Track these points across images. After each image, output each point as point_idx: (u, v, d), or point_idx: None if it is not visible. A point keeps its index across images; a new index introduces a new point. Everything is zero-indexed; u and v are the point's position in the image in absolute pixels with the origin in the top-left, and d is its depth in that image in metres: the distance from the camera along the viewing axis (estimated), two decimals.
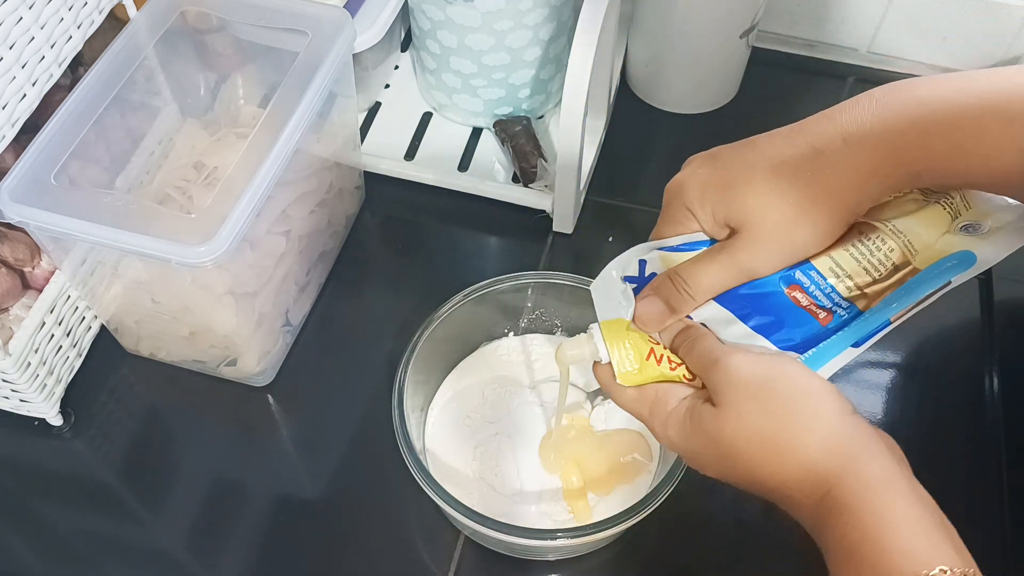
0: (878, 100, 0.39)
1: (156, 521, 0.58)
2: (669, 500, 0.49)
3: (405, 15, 0.77)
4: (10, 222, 0.50)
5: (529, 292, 0.60)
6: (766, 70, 0.80)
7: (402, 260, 0.71)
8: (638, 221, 0.72)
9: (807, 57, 0.83)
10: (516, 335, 0.62)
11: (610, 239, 0.71)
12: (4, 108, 0.52)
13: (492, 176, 0.73)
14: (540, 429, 0.58)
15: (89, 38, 0.57)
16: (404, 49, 0.82)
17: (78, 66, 0.62)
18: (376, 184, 0.73)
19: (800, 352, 0.41)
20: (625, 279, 0.45)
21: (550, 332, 0.63)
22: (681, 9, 0.71)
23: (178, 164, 0.63)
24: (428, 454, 0.57)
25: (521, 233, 0.71)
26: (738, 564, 0.56)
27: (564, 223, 0.70)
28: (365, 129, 0.76)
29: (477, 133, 0.76)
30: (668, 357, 0.43)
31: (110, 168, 0.60)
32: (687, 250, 0.43)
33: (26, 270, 0.59)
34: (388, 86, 0.80)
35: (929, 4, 0.76)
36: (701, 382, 0.42)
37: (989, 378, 0.62)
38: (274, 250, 0.59)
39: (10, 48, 0.51)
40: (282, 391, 0.63)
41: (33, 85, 0.53)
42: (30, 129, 0.53)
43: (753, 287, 0.42)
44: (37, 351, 0.57)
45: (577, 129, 0.61)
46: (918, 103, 0.38)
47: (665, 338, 0.43)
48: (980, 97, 0.37)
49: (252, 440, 0.62)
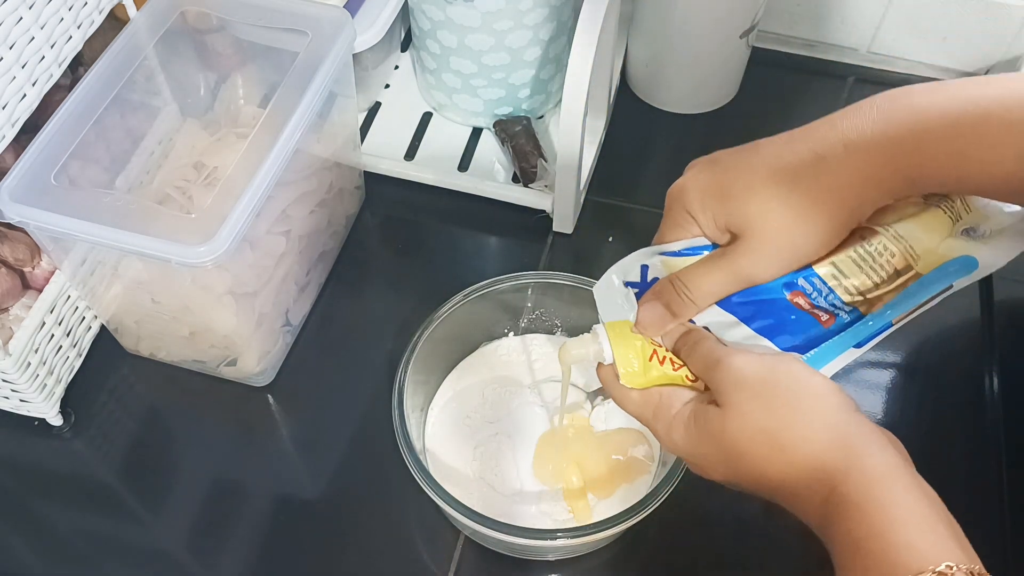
0: (879, 107, 0.39)
1: (156, 521, 0.58)
2: (669, 500, 0.49)
3: (405, 15, 0.77)
4: (10, 222, 0.50)
5: (529, 292, 0.60)
6: (766, 70, 0.80)
7: (402, 260, 0.71)
8: (638, 221, 0.72)
9: (807, 57, 0.83)
10: (516, 335, 0.62)
11: (610, 239, 0.71)
12: (4, 108, 0.52)
13: (492, 176, 0.73)
14: (540, 429, 0.58)
15: (89, 38, 0.57)
16: (404, 49, 0.82)
17: (78, 66, 0.62)
18: (376, 184, 0.73)
19: (802, 353, 0.41)
20: (627, 284, 0.45)
21: (550, 332, 0.63)
22: (681, 9, 0.71)
23: (178, 164, 0.63)
24: (428, 454, 0.57)
25: (521, 233, 0.71)
26: (738, 564, 0.56)
27: (564, 223, 0.70)
28: (365, 129, 0.76)
29: (477, 133, 0.76)
30: (670, 359, 0.43)
31: (110, 168, 0.60)
32: (689, 255, 0.44)
33: (26, 270, 0.59)
34: (388, 86, 0.80)
35: (929, 4, 0.76)
36: (704, 384, 0.42)
37: (989, 378, 0.62)
38: (274, 250, 0.59)
39: (10, 48, 0.51)
40: (282, 391, 0.63)
41: (33, 85, 0.53)
42: (30, 129, 0.53)
43: (756, 293, 0.42)
44: (37, 351, 0.57)
45: (577, 129, 0.61)
46: (918, 110, 0.38)
47: (667, 341, 0.43)
48: (979, 104, 0.37)
49: (252, 440, 0.62)
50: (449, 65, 0.72)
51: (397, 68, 0.81)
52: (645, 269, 0.45)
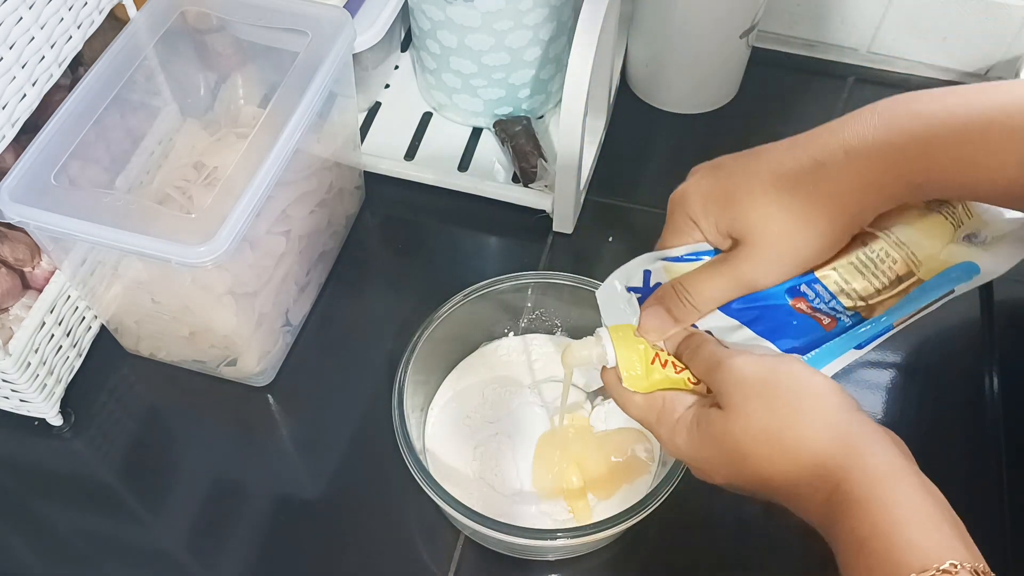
0: (880, 113, 0.39)
1: (156, 521, 0.58)
2: (669, 500, 0.49)
3: (405, 15, 0.77)
4: (10, 222, 0.50)
5: (529, 292, 0.60)
6: (766, 70, 0.80)
7: (402, 260, 0.71)
8: (638, 221, 0.72)
9: (807, 57, 0.83)
10: (516, 335, 0.62)
11: (610, 239, 0.71)
12: (4, 108, 0.52)
13: (492, 176, 0.73)
14: (540, 429, 0.58)
15: (89, 38, 0.57)
16: (404, 49, 0.82)
17: (78, 66, 0.62)
18: (376, 184, 0.73)
19: (803, 354, 0.41)
20: (630, 289, 0.45)
21: (550, 332, 0.63)
22: (681, 9, 0.71)
23: (178, 164, 0.63)
24: (428, 454, 0.57)
25: (521, 233, 0.71)
26: (738, 564, 0.56)
27: (564, 223, 0.70)
28: (365, 129, 0.76)
29: (477, 133, 0.76)
30: (672, 362, 0.43)
31: (110, 168, 0.60)
32: (692, 260, 0.44)
33: (26, 270, 0.59)
34: (388, 86, 0.80)
35: (929, 4, 0.76)
36: (706, 387, 0.42)
37: (989, 378, 0.62)
38: (274, 250, 0.59)
39: (10, 48, 0.51)
40: (282, 391, 0.63)
41: (33, 85, 0.53)
42: (30, 129, 0.53)
43: (758, 298, 0.42)
44: (37, 351, 0.57)
45: (577, 129, 0.61)
46: (920, 116, 0.38)
47: (670, 346, 0.44)
48: (981, 110, 0.37)
49: (252, 440, 0.62)
50: (449, 65, 0.72)
51: (397, 68, 0.81)
52: (648, 274, 0.45)
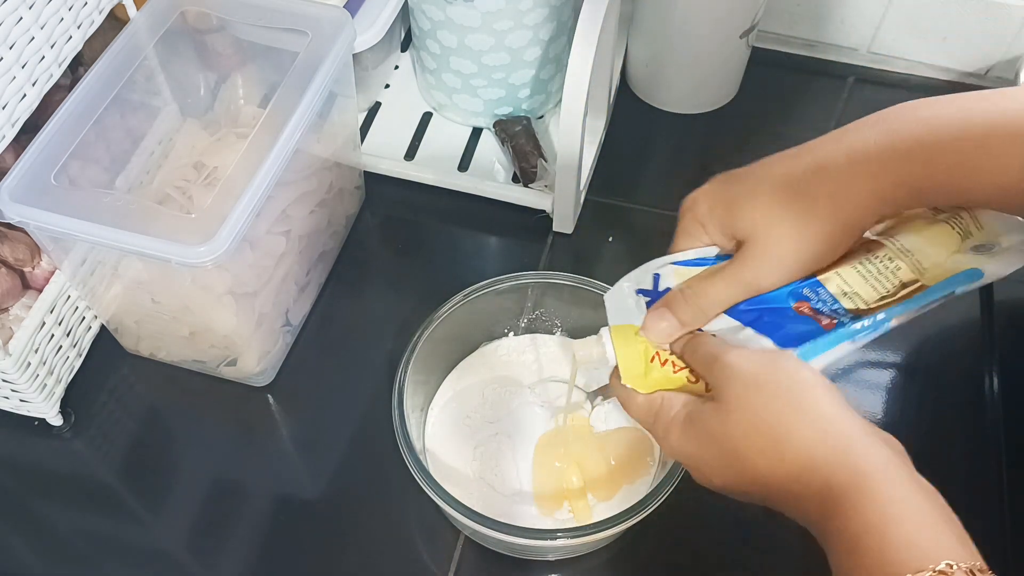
0: (883, 119, 0.40)
1: (156, 521, 0.58)
2: (669, 500, 0.49)
3: (405, 15, 0.77)
4: (10, 222, 0.50)
5: (529, 292, 0.60)
6: (766, 70, 0.80)
7: (402, 260, 0.71)
8: (638, 221, 0.72)
9: (807, 57, 0.83)
10: (516, 335, 0.62)
11: (610, 239, 0.71)
12: (4, 108, 0.52)
13: (492, 176, 0.73)
14: (540, 429, 0.58)
15: (89, 38, 0.57)
16: (404, 49, 0.82)
17: (78, 66, 0.62)
18: (376, 184, 0.73)
19: (796, 347, 0.42)
20: (639, 292, 0.45)
21: (550, 332, 0.63)
22: (681, 9, 0.71)
23: (178, 164, 0.63)
24: (428, 454, 0.57)
25: (521, 233, 0.71)
26: (738, 564, 0.56)
27: (564, 223, 0.70)
28: (365, 129, 0.76)
29: (477, 133, 0.76)
30: (672, 361, 0.44)
31: (110, 168, 0.60)
32: (700, 265, 0.44)
33: (26, 270, 0.59)
34: (388, 86, 0.80)
35: (929, 4, 0.76)
36: (705, 385, 0.42)
37: (989, 378, 0.62)
38: (274, 250, 0.59)
39: (10, 48, 0.51)
40: (282, 391, 0.63)
41: (33, 85, 0.53)
42: (30, 129, 0.53)
43: (761, 301, 0.42)
44: (37, 351, 0.57)
45: (577, 129, 0.61)
46: (922, 121, 0.39)
47: (675, 347, 0.44)
48: (984, 116, 0.38)
49: (252, 440, 0.62)
50: (449, 65, 0.72)
51: (397, 68, 0.81)
52: (657, 278, 0.45)
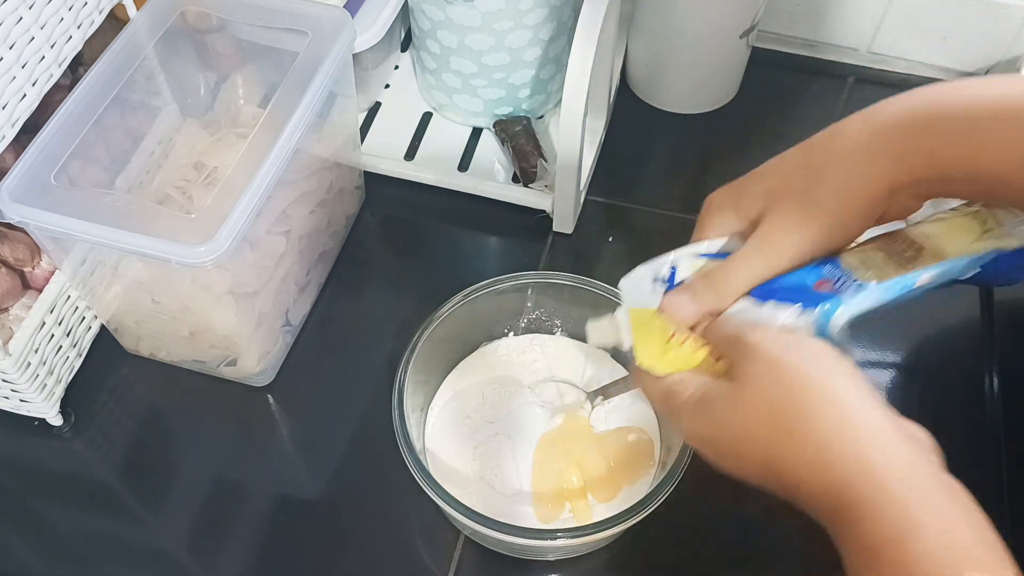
0: (905, 95, 0.40)
1: (156, 521, 0.58)
2: (669, 500, 0.49)
3: (405, 15, 0.77)
4: (10, 222, 0.50)
5: (529, 292, 0.60)
6: (766, 70, 0.80)
7: (402, 260, 0.71)
8: (638, 221, 0.72)
9: (807, 57, 0.83)
10: (516, 335, 0.62)
11: (610, 239, 0.71)
12: (4, 108, 0.52)
13: (492, 176, 0.73)
14: (540, 429, 0.58)
15: (89, 38, 0.57)
16: (404, 49, 0.82)
17: (78, 66, 0.62)
18: (376, 184, 0.73)
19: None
20: (655, 280, 0.45)
21: (550, 332, 0.63)
22: (681, 9, 0.71)
23: (178, 164, 0.63)
24: (428, 454, 0.57)
25: (521, 233, 0.71)
26: (738, 564, 0.56)
27: (564, 223, 0.70)
28: (365, 129, 0.76)
29: (477, 133, 0.76)
30: (691, 341, 0.42)
31: (110, 168, 0.60)
32: (720, 258, 0.44)
33: (26, 270, 0.59)
34: (388, 86, 0.80)
35: (929, 4, 0.76)
36: (724, 365, 0.41)
37: (989, 378, 0.62)
38: (274, 250, 0.59)
39: (10, 48, 0.51)
40: (282, 391, 0.63)
41: (33, 85, 0.53)
42: (30, 129, 0.53)
43: (783, 281, 0.42)
44: (37, 351, 0.57)
45: (577, 129, 0.61)
46: (941, 93, 0.39)
47: (697, 330, 0.43)
48: (997, 91, 0.38)
49: (252, 440, 0.62)
50: (449, 65, 0.72)
51: (397, 68, 0.81)
52: (674, 270, 0.44)
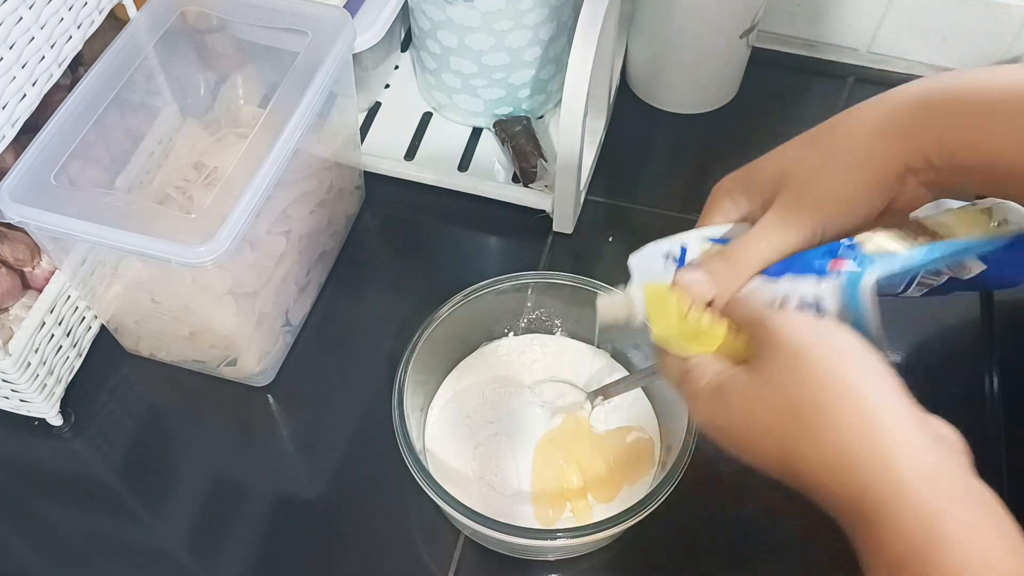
0: (922, 82, 0.40)
1: (156, 521, 0.58)
2: (669, 500, 0.49)
3: (405, 15, 0.77)
4: (10, 222, 0.50)
5: (529, 292, 0.60)
6: (766, 70, 0.80)
7: (402, 260, 0.71)
8: (638, 221, 0.72)
9: (807, 57, 0.83)
10: (516, 335, 0.62)
11: (610, 239, 0.71)
12: (4, 108, 0.52)
13: (492, 176, 0.73)
14: (540, 429, 0.58)
15: (89, 38, 0.57)
16: (404, 49, 0.82)
17: (78, 66, 0.62)
18: (376, 184, 0.73)
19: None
20: (666, 257, 0.44)
21: (550, 332, 0.63)
22: (681, 9, 0.71)
23: (178, 164, 0.63)
24: (428, 454, 0.57)
25: (521, 233, 0.71)
26: (738, 564, 0.56)
27: (564, 223, 0.70)
28: (365, 129, 0.76)
29: (477, 133, 0.76)
30: (708, 313, 0.41)
31: (110, 168, 0.60)
32: (725, 243, 0.43)
33: (26, 270, 0.59)
34: (388, 86, 0.80)
35: (929, 4, 0.76)
36: (742, 343, 0.40)
37: (989, 378, 0.62)
38: (274, 250, 0.59)
39: (10, 48, 0.51)
40: (282, 391, 0.63)
41: (33, 85, 0.53)
42: (30, 129, 0.53)
43: (797, 260, 0.41)
44: (37, 351, 0.57)
45: (577, 129, 0.61)
46: (955, 77, 0.40)
47: (715, 306, 0.42)
48: (1007, 76, 0.38)
49: (252, 440, 0.62)
50: (449, 65, 0.72)
51: (397, 68, 0.81)
52: (684, 251, 0.44)
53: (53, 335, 0.58)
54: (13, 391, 0.58)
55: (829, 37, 0.81)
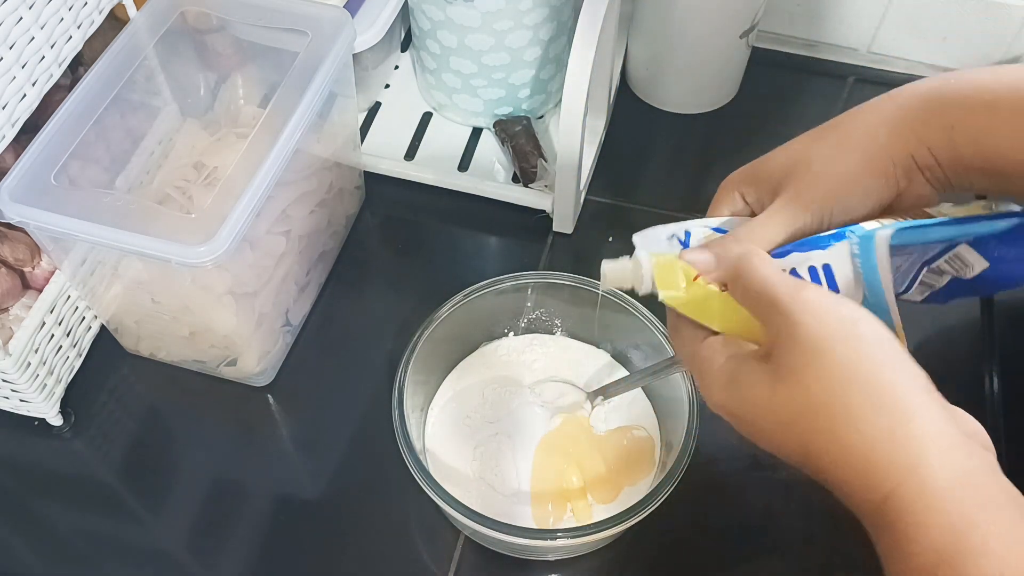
0: (935, 78, 0.41)
1: (156, 521, 0.58)
2: (669, 500, 0.49)
3: (405, 15, 0.77)
4: (10, 222, 0.50)
5: (529, 292, 0.60)
6: (766, 70, 0.80)
7: (402, 260, 0.71)
8: (638, 221, 0.71)
9: (807, 57, 0.83)
10: (516, 335, 0.62)
11: (610, 239, 0.71)
12: (4, 108, 0.52)
13: (492, 176, 0.73)
14: (540, 429, 0.58)
15: (89, 38, 0.57)
16: (404, 49, 0.82)
17: (78, 66, 0.62)
18: (376, 184, 0.73)
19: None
20: (671, 237, 0.44)
21: (550, 332, 0.63)
22: (681, 9, 0.71)
23: (178, 164, 0.63)
24: (428, 454, 0.57)
25: (521, 233, 0.71)
26: (738, 564, 0.56)
27: (564, 223, 0.70)
28: (365, 129, 0.76)
29: (477, 133, 0.76)
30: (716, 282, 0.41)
31: (110, 168, 0.60)
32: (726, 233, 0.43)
33: (26, 270, 0.59)
34: (388, 86, 0.80)
35: (929, 4, 0.76)
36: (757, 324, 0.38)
37: (989, 378, 0.62)
38: (274, 250, 0.59)
39: (10, 48, 0.51)
40: (282, 391, 0.63)
41: (33, 85, 0.53)
42: (30, 129, 0.53)
43: (804, 244, 0.41)
44: (37, 351, 0.57)
45: (577, 129, 0.61)
46: (963, 74, 0.40)
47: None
48: (1014, 75, 0.39)
49: (252, 440, 0.62)
50: (449, 65, 0.72)
51: (397, 68, 0.81)
52: (688, 235, 0.44)
53: (53, 335, 0.58)
54: (13, 391, 0.58)
55: (829, 37, 0.81)
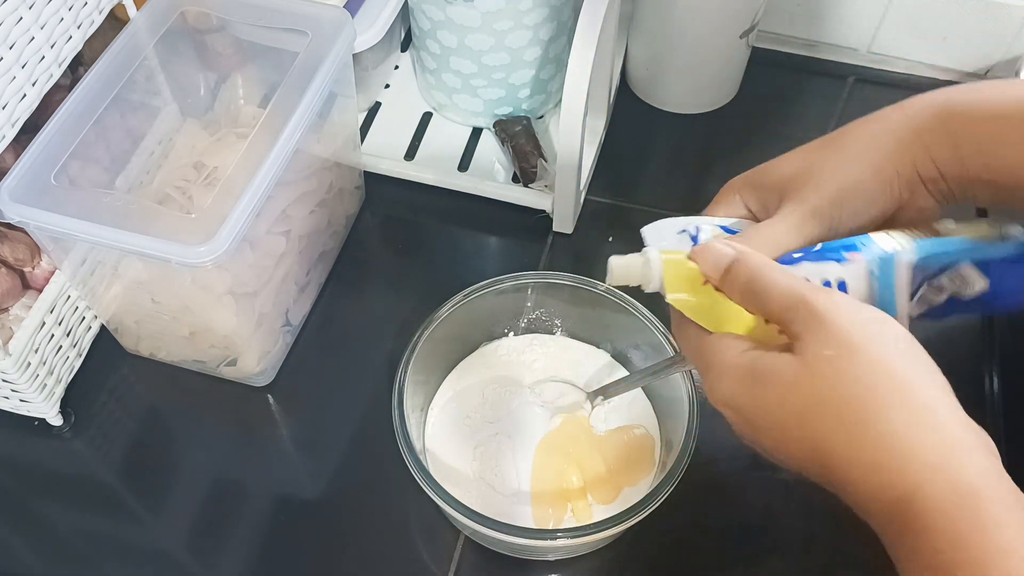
0: (942, 91, 0.41)
1: (156, 521, 0.58)
2: (669, 500, 0.49)
3: (405, 15, 0.77)
4: (10, 222, 0.50)
5: (529, 292, 0.60)
6: (766, 70, 0.80)
7: (402, 260, 0.71)
8: (638, 221, 0.71)
9: (807, 57, 0.83)
10: (516, 335, 0.62)
11: (610, 239, 0.71)
12: (4, 108, 0.52)
13: (492, 176, 0.73)
14: (540, 429, 0.58)
15: (89, 38, 0.57)
16: (404, 49, 0.82)
17: (78, 66, 0.62)
18: (376, 184, 0.73)
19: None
20: (681, 232, 0.44)
21: (550, 332, 0.63)
22: (681, 9, 0.71)
23: (178, 164, 0.63)
24: (428, 454, 0.57)
25: (521, 233, 0.71)
26: (738, 564, 0.56)
27: (564, 223, 0.70)
28: (365, 129, 0.76)
29: (477, 133, 0.76)
30: None
31: (110, 168, 0.60)
32: (734, 233, 0.43)
33: (26, 270, 0.59)
34: (388, 86, 0.80)
35: (929, 4, 0.76)
36: (773, 331, 0.38)
37: (989, 378, 0.62)
38: (274, 250, 0.59)
39: (10, 48, 0.51)
40: (282, 391, 0.63)
41: (33, 85, 0.53)
42: (30, 129, 0.53)
43: (813, 251, 0.41)
44: (37, 351, 0.57)
45: (577, 129, 0.61)
46: (974, 87, 0.41)
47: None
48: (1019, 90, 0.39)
49: (252, 440, 0.62)
50: (449, 65, 0.72)
51: (397, 68, 0.81)
52: (698, 229, 0.43)
53: (53, 335, 0.58)
54: (13, 391, 0.58)
55: (829, 37, 0.81)
